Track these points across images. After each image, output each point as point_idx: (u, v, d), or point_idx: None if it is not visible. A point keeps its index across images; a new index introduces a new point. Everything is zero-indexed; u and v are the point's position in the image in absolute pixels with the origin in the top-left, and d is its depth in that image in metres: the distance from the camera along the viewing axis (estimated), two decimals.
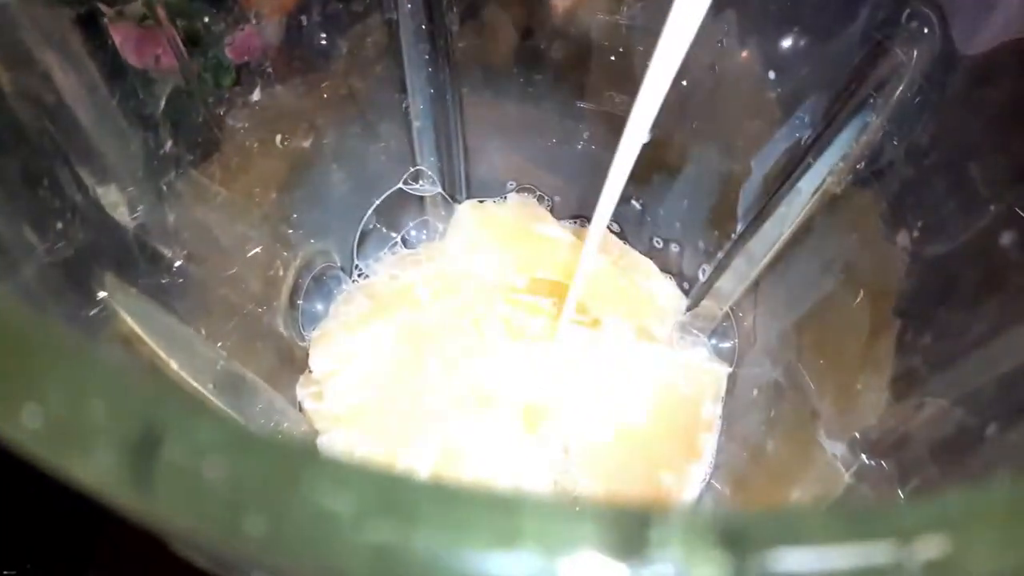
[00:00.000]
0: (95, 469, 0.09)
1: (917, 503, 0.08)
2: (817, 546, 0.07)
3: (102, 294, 0.21)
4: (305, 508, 0.09)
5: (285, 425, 0.34)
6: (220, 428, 0.10)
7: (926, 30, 0.26)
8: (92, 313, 0.21)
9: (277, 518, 0.09)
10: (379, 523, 0.09)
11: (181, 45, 0.30)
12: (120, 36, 0.28)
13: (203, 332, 0.31)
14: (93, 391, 0.10)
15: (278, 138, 0.35)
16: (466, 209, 0.42)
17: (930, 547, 0.07)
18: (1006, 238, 0.22)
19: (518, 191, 0.44)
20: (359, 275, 0.41)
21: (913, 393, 0.24)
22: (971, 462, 0.18)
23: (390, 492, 0.09)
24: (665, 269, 0.42)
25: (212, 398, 0.27)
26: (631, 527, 0.08)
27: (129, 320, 0.22)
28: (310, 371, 0.38)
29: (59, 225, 0.21)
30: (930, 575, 0.07)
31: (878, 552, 0.07)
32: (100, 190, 0.27)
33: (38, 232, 0.21)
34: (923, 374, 0.24)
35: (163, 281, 0.30)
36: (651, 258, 0.42)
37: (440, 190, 0.41)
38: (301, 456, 0.10)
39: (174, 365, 0.24)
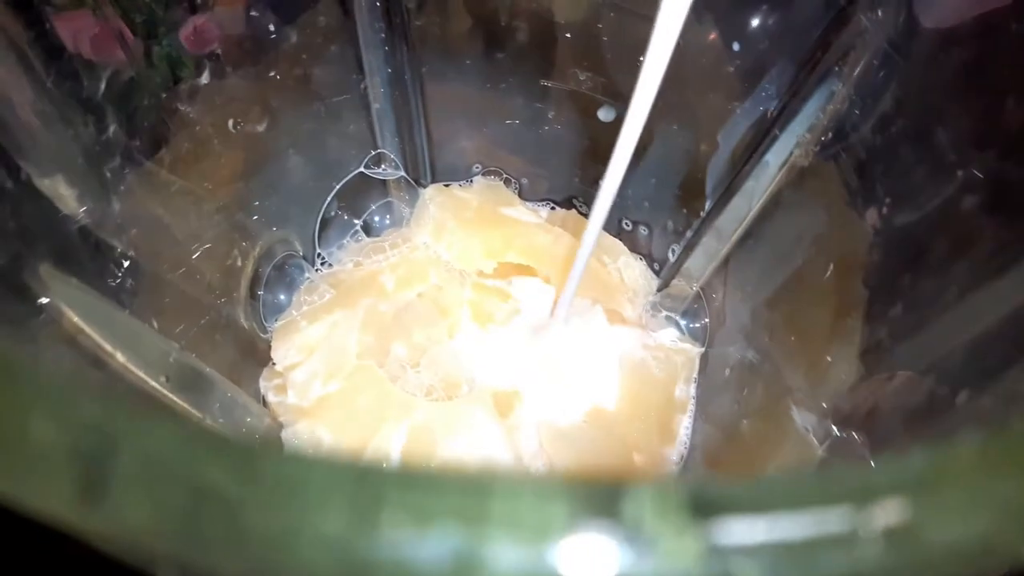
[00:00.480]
0: (44, 492, 0.08)
1: (877, 468, 0.07)
2: (774, 513, 0.07)
3: (40, 291, 0.20)
4: (267, 506, 0.08)
5: (248, 420, 0.33)
6: (175, 436, 0.09)
7: None
8: (28, 305, 0.20)
9: (237, 520, 0.08)
10: (340, 516, 0.08)
11: (128, 32, 0.29)
12: (63, 24, 0.27)
13: (155, 325, 0.29)
14: (37, 407, 0.09)
15: (230, 123, 0.33)
16: (431, 193, 0.41)
17: (889, 513, 0.07)
18: (971, 202, 0.22)
19: (484, 174, 0.43)
20: (322, 263, 0.40)
21: (883, 364, 0.23)
22: (943, 430, 0.18)
23: (355, 483, 0.08)
24: (635, 251, 0.42)
25: (166, 392, 0.26)
26: (602, 500, 0.08)
27: (69, 312, 0.21)
28: (273, 363, 0.37)
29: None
30: (890, 542, 0.07)
31: (835, 519, 0.07)
32: (45, 181, 0.26)
33: None
34: (892, 344, 0.24)
35: (114, 273, 0.29)
36: (620, 240, 0.42)
37: (403, 174, 0.40)
38: (261, 454, 0.09)
39: (120, 358, 0.23)
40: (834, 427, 0.24)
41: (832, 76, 0.28)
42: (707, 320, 0.38)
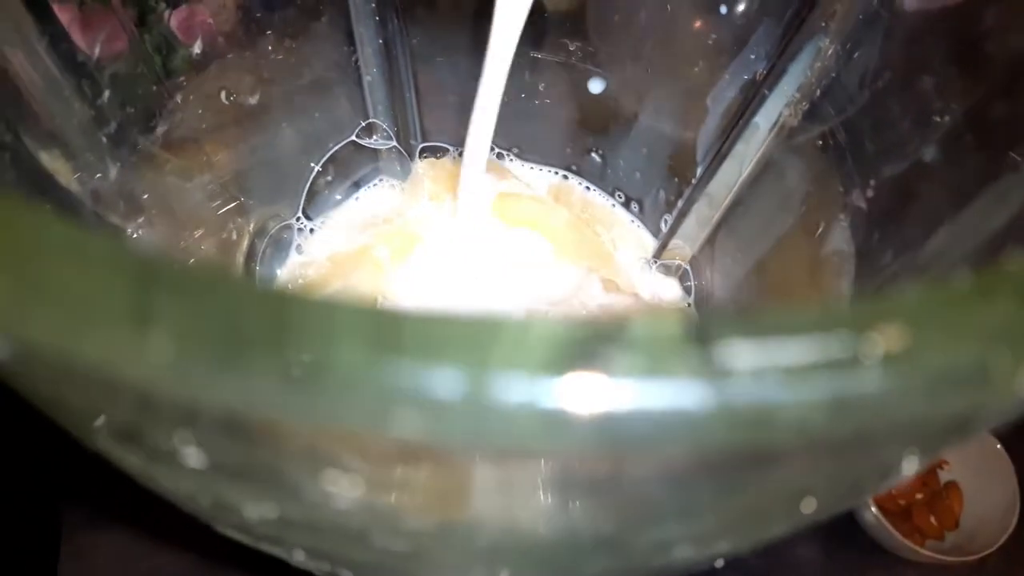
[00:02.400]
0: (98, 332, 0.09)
1: (873, 300, 0.07)
2: (776, 338, 0.07)
3: None
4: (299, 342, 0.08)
5: None
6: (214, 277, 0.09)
7: None
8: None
9: (275, 359, 0.08)
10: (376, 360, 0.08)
11: (128, 11, 0.29)
12: (64, 11, 0.27)
13: None
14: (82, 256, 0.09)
15: (223, 94, 0.34)
16: (423, 165, 0.42)
17: (887, 339, 0.07)
18: (964, 142, 0.22)
19: None
20: (313, 234, 0.40)
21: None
22: None
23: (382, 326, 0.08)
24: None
25: None
26: (606, 331, 0.08)
27: None
28: None
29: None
30: (888, 366, 0.07)
31: (835, 344, 0.07)
32: (44, 155, 0.26)
33: None
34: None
35: None
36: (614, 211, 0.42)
37: (395, 143, 0.40)
38: (291, 297, 0.09)
39: None
40: None
41: (819, 33, 0.28)
42: (698, 283, 0.38)
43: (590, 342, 0.08)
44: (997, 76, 0.21)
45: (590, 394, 0.07)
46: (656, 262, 0.40)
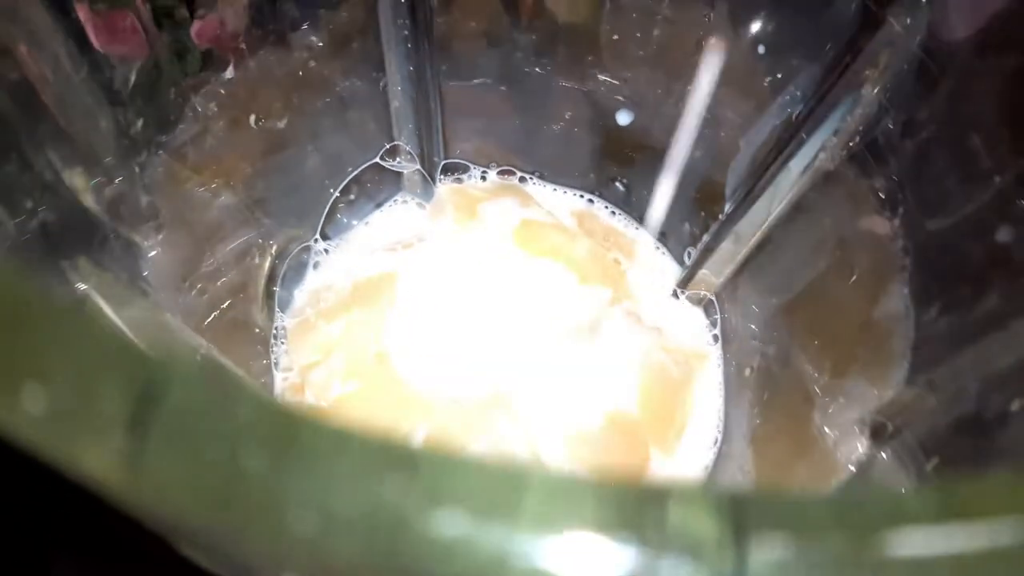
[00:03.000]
0: (96, 452, 0.08)
1: (916, 494, 0.07)
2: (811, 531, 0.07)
3: (76, 278, 0.20)
4: (306, 462, 0.08)
5: None
6: (217, 390, 0.09)
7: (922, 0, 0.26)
8: (66, 295, 0.20)
9: (277, 484, 0.08)
10: (382, 485, 0.08)
11: (150, 22, 0.29)
12: (86, 13, 0.27)
13: (180, 320, 0.29)
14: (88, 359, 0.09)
15: (252, 118, 0.33)
16: (446, 191, 0.41)
17: (922, 541, 0.07)
18: (1009, 213, 0.22)
19: (500, 172, 0.43)
20: (337, 259, 0.40)
21: (916, 376, 0.23)
22: (975, 455, 0.18)
23: (394, 456, 0.09)
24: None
25: None
26: (635, 505, 0.08)
27: (104, 306, 0.21)
28: (290, 363, 0.36)
29: (28, 203, 0.20)
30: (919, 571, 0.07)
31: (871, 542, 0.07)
32: (67, 173, 0.26)
33: (7, 207, 0.20)
34: (927, 357, 0.24)
35: (137, 269, 0.29)
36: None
37: (419, 167, 0.40)
38: (303, 421, 0.09)
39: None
40: (862, 439, 0.24)
41: (861, 81, 0.28)
42: (723, 320, 0.38)
43: (618, 519, 0.07)
44: None
45: None
46: (681, 293, 0.39)
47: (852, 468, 0.25)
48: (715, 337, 0.38)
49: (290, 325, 0.38)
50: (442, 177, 0.42)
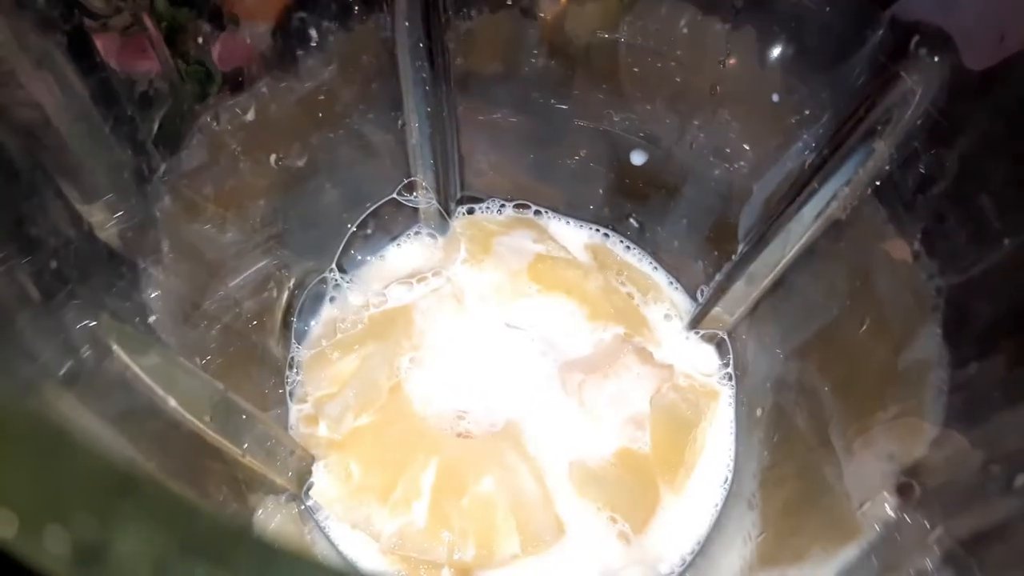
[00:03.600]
0: None
1: None
2: None
3: (97, 332, 0.21)
4: None
5: (279, 452, 0.33)
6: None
7: (936, 58, 0.26)
8: (87, 354, 0.20)
9: None
10: None
11: (170, 58, 0.29)
12: (106, 49, 0.27)
13: (198, 360, 0.30)
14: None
15: (272, 157, 0.34)
16: (462, 225, 0.42)
17: None
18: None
19: (515, 207, 0.43)
20: (353, 292, 0.40)
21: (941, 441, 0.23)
22: (1002, 524, 0.18)
23: None
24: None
25: (208, 431, 0.27)
26: None
27: (126, 358, 0.21)
28: (304, 393, 0.37)
29: (53, 264, 0.20)
30: None
31: None
32: (86, 209, 0.26)
33: (30, 267, 0.20)
34: (951, 414, 0.24)
35: (153, 302, 0.29)
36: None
37: (435, 202, 0.40)
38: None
39: (172, 403, 0.23)
40: (887, 505, 0.23)
41: (874, 134, 0.28)
42: (735, 362, 0.38)
43: None
44: None
45: None
46: (694, 333, 0.40)
47: (876, 528, 0.24)
48: (728, 376, 0.39)
49: (305, 356, 0.38)
50: (458, 211, 0.42)
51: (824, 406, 0.30)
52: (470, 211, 0.43)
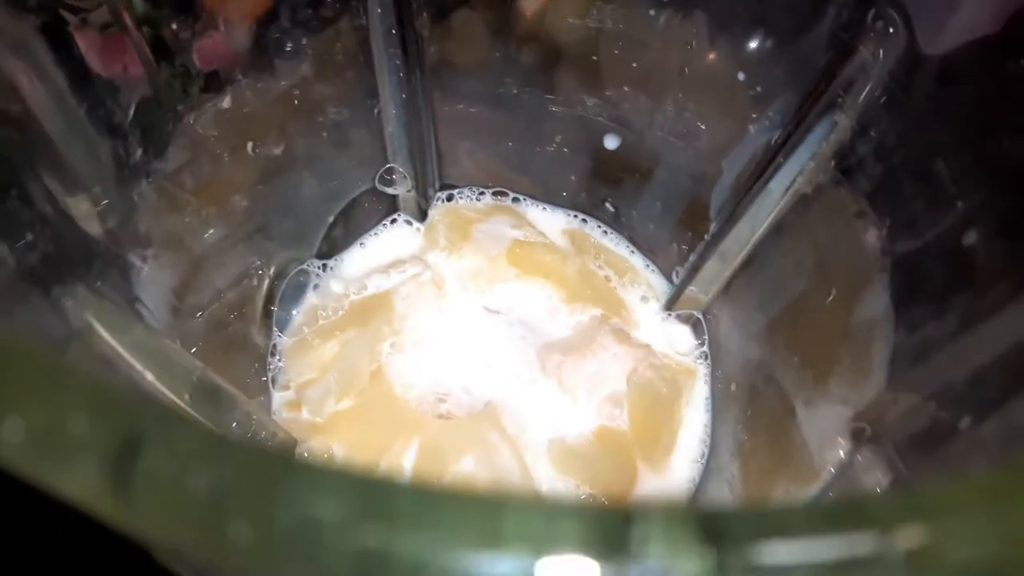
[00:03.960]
0: (77, 481, 0.09)
1: (896, 496, 0.08)
2: (799, 539, 0.08)
3: (75, 308, 0.21)
4: (289, 514, 0.09)
5: (262, 435, 0.33)
6: (200, 437, 0.09)
7: (891, 30, 0.27)
8: (64, 326, 0.21)
9: (261, 524, 0.09)
10: (363, 528, 0.09)
11: (148, 53, 0.30)
12: (86, 44, 0.28)
13: (178, 343, 0.30)
14: (73, 403, 0.09)
15: (249, 145, 0.34)
16: (440, 213, 0.42)
17: (910, 537, 0.08)
18: (971, 236, 0.23)
19: (493, 194, 0.44)
20: (333, 280, 0.41)
21: (888, 388, 0.24)
22: (946, 455, 0.19)
23: (373, 496, 0.09)
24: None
25: (188, 409, 0.27)
26: (613, 525, 0.08)
27: (103, 332, 0.22)
28: (286, 380, 0.37)
29: (29, 236, 0.21)
30: (910, 564, 0.07)
31: (859, 543, 0.07)
32: (70, 200, 0.27)
33: (6, 241, 0.21)
34: (897, 370, 0.24)
35: (136, 292, 0.30)
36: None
37: (413, 190, 0.41)
38: (283, 462, 0.09)
39: (150, 377, 0.23)
40: (839, 450, 0.24)
41: (836, 107, 0.29)
42: (710, 340, 0.39)
43: (597, 539, 0.08)
44: (1011, 172, 0.22)
45: None
46: (670, 314, 0.40)
47: (832, 471, 0.26)
48: (703, 354, 0.39)
49: (287, 344, 0.39)
50: (436, 199, 0.43)
51: (791, 375, 0.31)
52: (449, 199, 0.43)
